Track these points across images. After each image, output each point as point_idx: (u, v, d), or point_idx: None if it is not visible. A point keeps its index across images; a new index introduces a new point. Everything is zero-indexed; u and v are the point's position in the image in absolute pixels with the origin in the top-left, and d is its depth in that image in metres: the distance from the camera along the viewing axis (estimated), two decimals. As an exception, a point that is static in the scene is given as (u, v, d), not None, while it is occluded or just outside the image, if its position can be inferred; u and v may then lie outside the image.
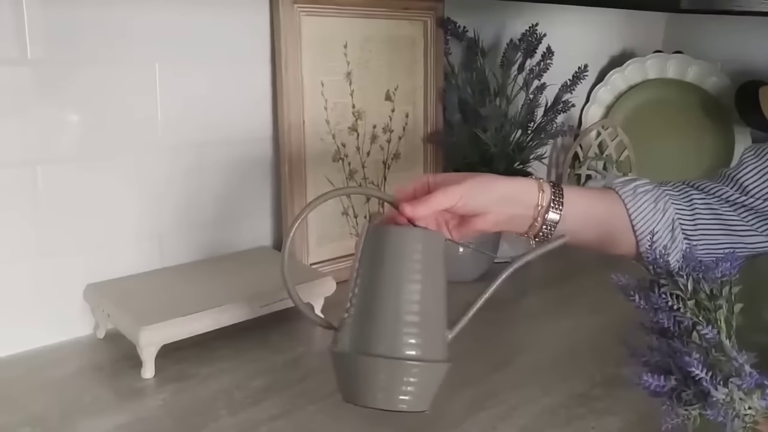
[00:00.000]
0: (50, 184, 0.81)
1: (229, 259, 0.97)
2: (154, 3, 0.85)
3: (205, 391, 0.75)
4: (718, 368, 0.52)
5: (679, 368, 0.54)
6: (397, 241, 0.61)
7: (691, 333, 0.55)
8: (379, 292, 0.60)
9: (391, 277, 0.60)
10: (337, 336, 0.62)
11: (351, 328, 0.61)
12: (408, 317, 0.60)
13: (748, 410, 0.52)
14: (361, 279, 0.62)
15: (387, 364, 0.59)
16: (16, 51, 0.76)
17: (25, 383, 0.76)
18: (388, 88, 1.11)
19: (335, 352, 0.61)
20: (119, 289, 0.85)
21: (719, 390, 0.51)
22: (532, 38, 1.16)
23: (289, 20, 0.96)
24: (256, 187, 1.02)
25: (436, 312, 0.62)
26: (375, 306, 0.60)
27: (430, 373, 0.61)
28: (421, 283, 0.61)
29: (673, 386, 0.54)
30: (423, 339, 0.60)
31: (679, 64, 1.49)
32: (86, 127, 0.83)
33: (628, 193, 0.71)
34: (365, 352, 0.59)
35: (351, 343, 0.60)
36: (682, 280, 0.56)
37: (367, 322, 0.60)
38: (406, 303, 0.60)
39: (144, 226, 0.90)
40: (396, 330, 0.59)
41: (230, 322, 0.82)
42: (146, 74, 0.87)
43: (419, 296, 0.60)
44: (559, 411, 0.74)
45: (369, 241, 0.62)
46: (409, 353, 0.59)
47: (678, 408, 0.54)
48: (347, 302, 0.62)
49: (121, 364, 0.79)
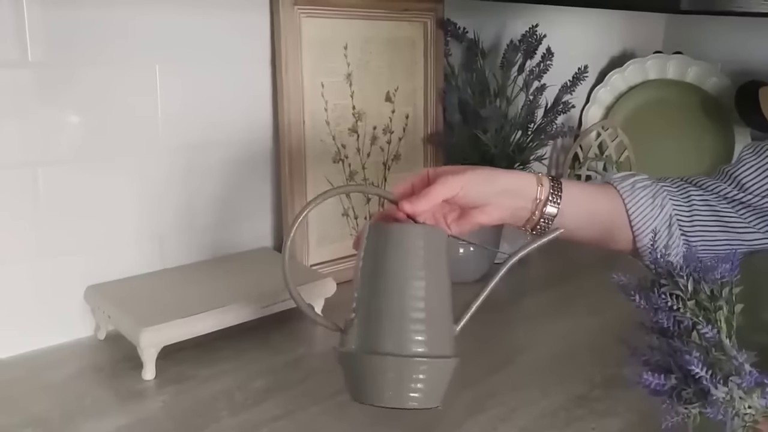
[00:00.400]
0: (51, 185, 0.81)
1: (230, 260, 0.97)
2: (154, 5, 0.86)
3: (206, 393, 0.75)
4: (718, 367, 0.52)
5: (679, 367, 0.54)
6: (399, 239, 0.61)
7: (691, 333, 0.55)
8: (383, 290, 0.60)
9: (395, 275, 0.60)
10: (344, 337, 0.62)
11: (357, 327, 0.61)
12: (414, 314, 0.60)
13: (748, 409, 0.52)
14: (365, 278, 0.62)
15: (395, 362, 0.58)
16: (17, 53, 0.76)
17: (25, 385, 0.76)
18: (388, 89, 1.11)
19: (342, 352, 0.61)
20: (120, 290, 0.85)
21: (719, 389, 0.51)
22: (532, 39, 1.17)
23: (290, 22, 0.96)
24: (257, 188, 1.02)
25: (442, 307, 0.62)
26: (380, 304, 0.60)
27: (438, 369, 0.60)
28: (425, 280, 0.61)
29: (673, 385, 0.54)
30: (430, 335, 0.60)
31: (679, 64, 1.49)
32: (87, 128, 0.83)
33: (626, 189, 0.71)
34: (373, 351, 0.59)
35: (358, 342, 0.60)
36: (682, 280, 0.56)
37: (373, 321, 0.60)
38: (411, 300, 0.60)
39: (144, 227, 0.90)
40: (402, 327, 0.59)
41: (231, 323, 0.83)
42: (147, 76, 0.87)
43: (424, 292, 0.60)
44: (559, 412, 0.74)
45: (371, 240, 0.62)
46: (417, 350, 0.59)
47: (678, 406, 0.54)
48: (353, 302, 0.62)
49: (122, 365, 0.80)
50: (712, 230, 0.71)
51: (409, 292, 0.60)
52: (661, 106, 1.49)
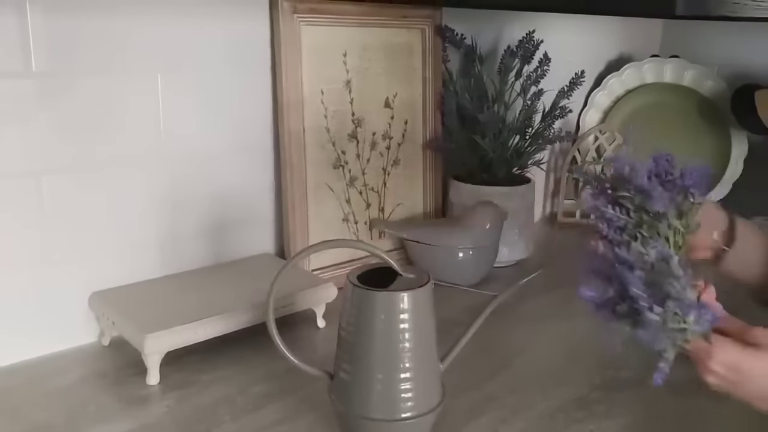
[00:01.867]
0: (54, 194, 0.82)
1: (232, 266, 0.98)
2: (156, 15, 0.86)
3: (209, 398, 0.76)
4: (658, 287, 0.51)
5: (619, 281, 0.52)
6: (385, 306, 0.63)
7: (633, 242, 0.53)
8: (371, 356, 0.63)
9: (383, 344, 0.63)
10: (334, 387, 0.67)
11: (347, 386, 0.65)
12: (403, 375, 0.63)
13: (681, 332, 0.51)
14: (351, 338, 0.64)
15: (387, 426, 0.63)
16: (21, 64, 0.77)
17: (30, 391, 0.76)
18: (387, 95, 1.12)
19: (335, 407, 0.66)
20: (124, 296, 0.86)
21: (655, 310, 0.50)
22: (529, 45, 1.17)
23: (289, 30, 0.97)
24: (258, 194, 1.02)
25: (429, 357, 0.65)
26: (369, 371, 0.63)
27: (426, 422, 0.65)
28: (413, 341, 0.63)
29: (610, 297, 0.53)
30: (418, 392, 0.64)
31: (676, 68, 1.50)
32: (89, 137, 0.84)
33: None
34: (364, 416, 0.63)
35: (349, 403, 0.65)
36: (633, 189, 0.54)
37: (362, 385, 0.64)
38: (399, 362, 0.63)
39: (147, 233, 0.91)
40: (393, 394, 0.63)
41: (234, 328, 0.83)
42: (148, 85, 0.88)
43: (411, 353, 0.63)
44: (558, 415, 0.74)
45: (356, 301, 0.64)
46: (407, 415, 0.63)
47: (613, 321, 0.53)
48: (337, 350, 0.66)
49: (126, 371, 0.80)
50: None
51: (398, 356, 0.63)
52: (658, 109, 1.50)
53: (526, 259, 1.20)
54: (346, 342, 0.65)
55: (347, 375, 0.65)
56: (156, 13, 0.87)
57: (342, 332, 0.65)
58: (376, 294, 0.63)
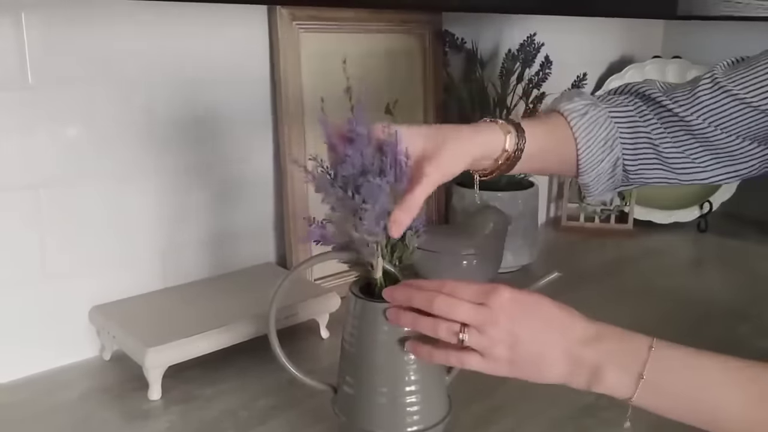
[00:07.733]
0: (53, 207, 0.81)
1: (233, 277, 0.97)
2: (152, 23, 0.86)
3: (212, 412, 0.75)
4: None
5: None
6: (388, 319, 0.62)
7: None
8: (375, 370, 0.62)
9: (387, 356, 0.62)
10: (338, 401, 0.65)
11: (351, 400, 0.63)
12: (408, 388, 0.62)
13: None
14: (354, 350, 0.63)
15: None
16: (18, 78, 0.76)
17: (32, 407, 0.76)
18: (388, 101, 1.11)
19: (340, 421, 0.64)
20: (124, 310, 0.85)
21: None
22: (530, 48, 1.17)
23: (288, 37, 0.97)
24: (259, 203, 1.02)
25: (434, 369, 0.64)
26: (372, 384, 0.62)
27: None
28: None
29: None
30: (424, 405, 0.62)
31: (678, 69, 1.49)
32: (87, 150, 0.83)
33: (581, 130, 0.71)
34: (369, 430, 0.62)
35: (353, 417, 0.63)
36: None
37: (366, 399, 0.62)
38: (404, 376, 0.62)
39: (148, 246, 0.90)
40: (397, 409, 0.62)
41: (236, 341, 0.82)
42: (147, 94, 0.87)
43: (416, 365, 0.62)
44: (566, 423, 0.73)
45: (358, 313, 0.63)
46: (413, 429, 0.62)
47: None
48: (340, 362, 0.65)
49: (128, 385, 0.80)
50: (651, 167, 0.75)
51: (402, 368, 0.62)
52: (661, 110, 1.49)
53: (531, 264, 1.19)
54: (349, 354, 0.64)
55: (351, 388, 0.64)
56: (154, 23, 0.86)
57: (345, 344, 0.65)
58: (379, 305, 0.62)
